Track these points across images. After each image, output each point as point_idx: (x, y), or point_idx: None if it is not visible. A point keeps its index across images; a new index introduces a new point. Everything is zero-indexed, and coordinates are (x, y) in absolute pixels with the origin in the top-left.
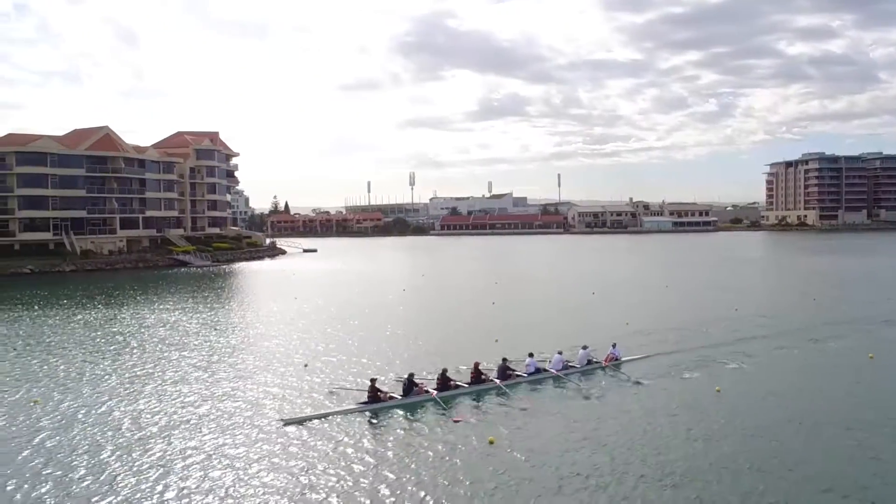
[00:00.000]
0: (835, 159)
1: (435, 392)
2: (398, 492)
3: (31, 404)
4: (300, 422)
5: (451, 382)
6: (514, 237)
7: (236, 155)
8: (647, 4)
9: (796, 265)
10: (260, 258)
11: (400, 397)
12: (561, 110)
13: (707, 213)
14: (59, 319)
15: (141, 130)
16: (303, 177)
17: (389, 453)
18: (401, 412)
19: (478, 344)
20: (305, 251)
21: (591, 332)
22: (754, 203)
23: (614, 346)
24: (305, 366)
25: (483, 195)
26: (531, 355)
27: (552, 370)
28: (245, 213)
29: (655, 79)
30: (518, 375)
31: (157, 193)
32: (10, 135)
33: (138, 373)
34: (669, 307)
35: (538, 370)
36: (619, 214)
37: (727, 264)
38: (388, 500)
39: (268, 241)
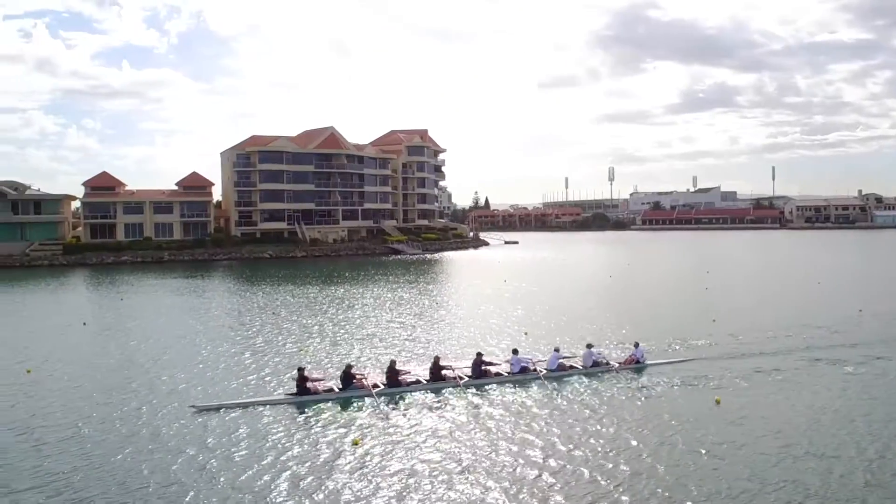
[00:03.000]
0: None
1: (379, 387)
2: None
3: (300, 352)
4: (213, 409)
5: (402, 378)
6: (722, 232)
7: (443, 151)
8: None
9: None
10: (465, 248)
11: (337, 390)
12: (775, 99)
13: None
14: (315, 291)
15: (353, 128)
16: (501, 175)
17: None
18: (335, 408)
19: (694, 323)
20: (507, 243)
21: (816, 318)
22: None
23: (637, 345)
24: (525, 333)
25: (687, 189)
26: (515, 352)
27: (545, 370)
28: (448, 207)
29: (889, 59)
30: (498, 374)
31: (374, 187)
32: (253, 137)
33: (392, 336)
34: None
35: (524, 370)
36: (844, 209)
37: None
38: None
39: (471, 233)
